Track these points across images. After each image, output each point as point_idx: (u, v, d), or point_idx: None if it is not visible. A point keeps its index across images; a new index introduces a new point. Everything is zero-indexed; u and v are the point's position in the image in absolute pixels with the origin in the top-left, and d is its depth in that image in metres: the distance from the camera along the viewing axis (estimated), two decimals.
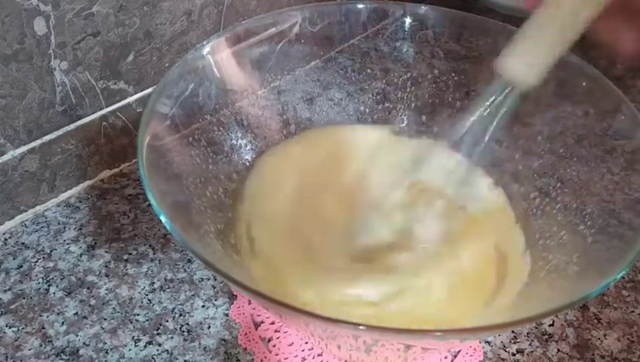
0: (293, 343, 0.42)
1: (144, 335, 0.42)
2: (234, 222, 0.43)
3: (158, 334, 0.42)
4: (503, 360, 0.41)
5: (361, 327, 0.28)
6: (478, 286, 0.41)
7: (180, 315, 0.43)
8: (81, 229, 0.49)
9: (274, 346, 0.41)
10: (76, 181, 0.52)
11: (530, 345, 0.42)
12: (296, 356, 0.41)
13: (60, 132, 0.49)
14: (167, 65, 0.53)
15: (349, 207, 0.44)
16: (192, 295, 0.45)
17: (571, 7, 0.33)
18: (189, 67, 0.42)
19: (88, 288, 0.45)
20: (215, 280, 0.46)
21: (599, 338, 0.43)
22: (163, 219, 0.32)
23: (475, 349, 0.42)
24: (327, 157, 0.48)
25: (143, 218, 0.50)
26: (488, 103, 0.37)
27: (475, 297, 0.41)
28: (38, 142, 0.48)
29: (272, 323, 0.43)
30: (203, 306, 0.44)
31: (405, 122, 0.51)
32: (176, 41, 0.53)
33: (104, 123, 0.51)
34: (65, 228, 0.49)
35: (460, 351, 0.41)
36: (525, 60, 0.35)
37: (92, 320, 0.43)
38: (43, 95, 0.46)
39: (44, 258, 0.47)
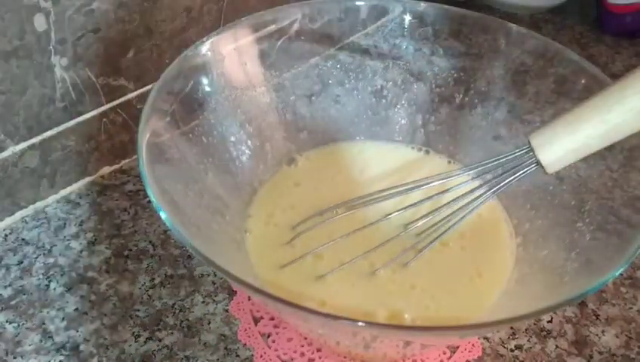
0: (292, 339, 0.42)
1: (144, 330, 0.42)
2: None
3: (158, 330, 0.42)
4: (501, 356, 0.42)
5: (359, 324, 0.29)
6: (475, 284, 0.41)
7: (180, 311, 0.44)
8: (81, 225, 0.49)
9: (273, 342, 0.42)
10: (76, 177, 0.52)
11: (528, 341, 0.42)
12: (295, 351, 0.41)
13: (60, 128, 0.49)
14: (167, 61, 0.53)
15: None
16: (192, 291, 0.45)
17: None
18: (189, 64, 0.42)
19: (89, 284, 0.45)
20: (215, 276, 0.46)
21: (597, 335, 0.43)
22: (163, 215, 0.32)
23: (473, 345, 0.42)
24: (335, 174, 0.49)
25: (143, 214, 0.50)
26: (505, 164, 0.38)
27: (473, 295, 0.41)
28: (39, 138, 0.48)
29: (272, 318, 0.43)
30: (203, 302, 0.44)
31: (405, 120, 0.51)
32: (176, 38, 0.53)
33: (104, 119, 0.51)
34: (65, 224, 0.49)
35: (458, 347, 0.42)
36: (560, 155, 0.35)
37: (92, 315, 0.43)
38: (43, 91, 0.46)
39: (44, 254, 0.47)
